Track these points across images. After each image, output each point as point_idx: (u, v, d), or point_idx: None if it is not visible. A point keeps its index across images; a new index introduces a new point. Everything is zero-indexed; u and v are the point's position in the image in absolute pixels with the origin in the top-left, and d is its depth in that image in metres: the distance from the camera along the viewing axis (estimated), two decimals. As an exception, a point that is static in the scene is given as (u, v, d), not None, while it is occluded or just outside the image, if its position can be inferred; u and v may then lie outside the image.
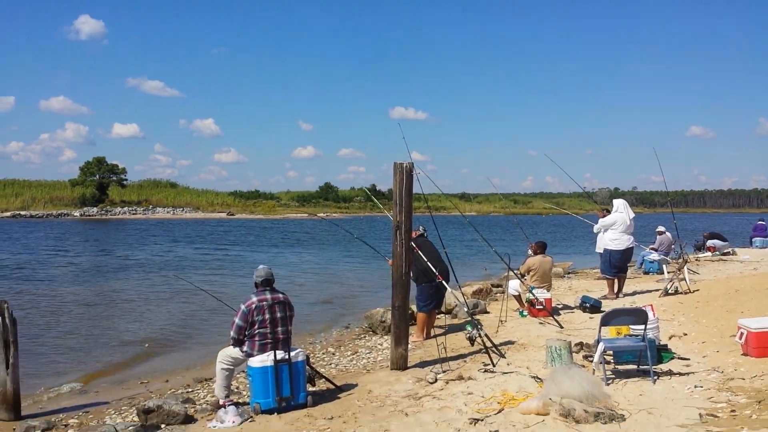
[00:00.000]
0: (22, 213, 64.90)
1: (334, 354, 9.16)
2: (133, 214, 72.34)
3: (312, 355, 8.91)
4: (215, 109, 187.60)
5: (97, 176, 76.85)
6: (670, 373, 6.23)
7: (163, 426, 5.84)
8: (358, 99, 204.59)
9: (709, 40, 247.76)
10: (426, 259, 7.95)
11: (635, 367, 6.35)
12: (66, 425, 6.34)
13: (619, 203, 11.66)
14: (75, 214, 68.21)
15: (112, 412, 6.78)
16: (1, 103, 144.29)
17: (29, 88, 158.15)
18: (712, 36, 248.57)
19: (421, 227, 8.81)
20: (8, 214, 63.40)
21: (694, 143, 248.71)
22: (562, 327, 9.04)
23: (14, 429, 6.08)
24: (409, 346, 7.60)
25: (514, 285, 10.47)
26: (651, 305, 6.94)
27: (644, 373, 6.14)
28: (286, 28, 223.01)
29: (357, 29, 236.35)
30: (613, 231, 11.35)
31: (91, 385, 8.05)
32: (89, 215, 68.46)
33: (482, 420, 5.17)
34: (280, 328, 6.00)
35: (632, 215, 11.52)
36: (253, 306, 5.95)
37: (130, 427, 5.91)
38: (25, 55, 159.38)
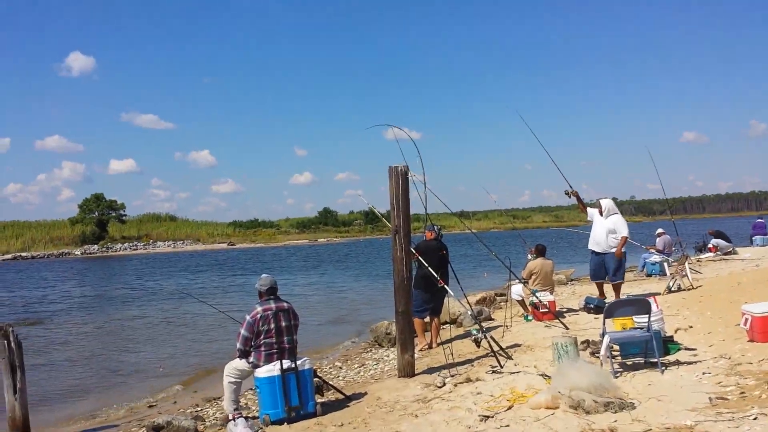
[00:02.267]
0: (23, 254, 64.62)
1: (341, 368, 9.15)
2: (134, 249, 72.28)
3: (319, 369, 8.88)
4: (210, 139, 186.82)
5: (96, 213, 76.84)
6: (677, 363, 6.23)
7: (173, 442, 5.84)
8: (352, 121, 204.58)
9: (698, 43, 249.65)
10: (427, 265, 7.82)
11: (642, 360, 6.35)
12: (76, 448, 6.35)
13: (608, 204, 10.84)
14: (76, 252, 68.13)
15: (122, 433, 6.78)
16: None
17: (24, 127, 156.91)
18: (701, 40, 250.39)
19: (436, 227, 8.66)
20: (9, 256, 63.07)
21: (688, 149, 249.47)
22: (567, 328, 9.02)
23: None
24: (416, 354, 7.59)
25: (517, 290, 10.45)
26: (654, 297, 6.96)
27: (652, 365, 6.13)
28: (275, 53, 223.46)
29: (349, 50, 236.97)
30: None
31: (99, 409, 8.05)
32: (90, 253, 68.35)
33: (492, 417, 5.16)
34: (285, 338, 5.97)
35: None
36: (259, 316, 5.93)
37: (140, 446, 5.91)
38: (17, 95, 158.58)
